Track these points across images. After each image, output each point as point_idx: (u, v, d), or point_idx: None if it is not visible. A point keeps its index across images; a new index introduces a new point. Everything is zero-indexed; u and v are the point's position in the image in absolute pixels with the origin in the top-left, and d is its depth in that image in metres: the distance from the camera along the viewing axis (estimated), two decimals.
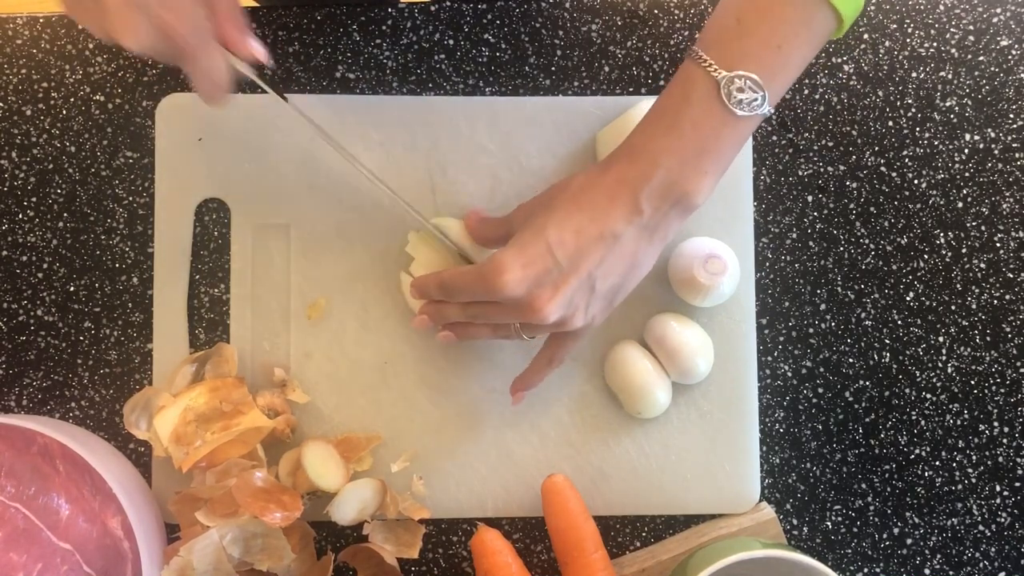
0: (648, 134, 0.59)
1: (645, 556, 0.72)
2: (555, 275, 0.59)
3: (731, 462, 0.72)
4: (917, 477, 0.74)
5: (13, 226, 0.73)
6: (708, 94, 0.57)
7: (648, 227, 0.59)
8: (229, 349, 0.71)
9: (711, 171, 0.58)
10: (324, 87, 0.74)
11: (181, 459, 0.67)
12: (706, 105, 0.57)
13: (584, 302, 0.61)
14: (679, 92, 0.58)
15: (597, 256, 0.59)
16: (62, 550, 0.65)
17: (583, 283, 0.60)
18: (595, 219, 0.59)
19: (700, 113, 0.57)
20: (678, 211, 0.59)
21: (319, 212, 0.72)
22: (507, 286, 0.58)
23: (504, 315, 0.62)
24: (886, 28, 0.75)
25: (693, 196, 0.58)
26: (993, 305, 0.74)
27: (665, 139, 0.58)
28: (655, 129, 0.59)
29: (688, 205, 0.59)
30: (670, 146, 0.58)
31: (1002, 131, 0.75)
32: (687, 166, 0.58)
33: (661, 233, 0.60)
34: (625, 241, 0.59)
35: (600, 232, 0.59)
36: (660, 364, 0.71)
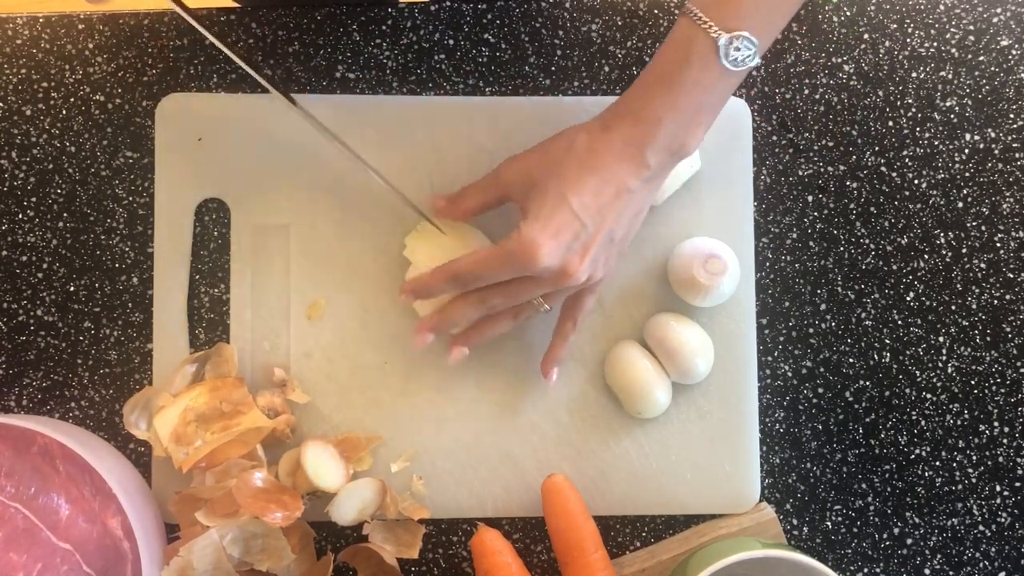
0: (647, 95, 0.62)
1: (645, 556, 0.72)
2: (584, 238, 0.62)
3: (731, 462, 0.72)
4: (917, 477, 0.74)
5: (13, 226, 0.73)
6: (707, 54, 0.59)
7: (652, 178, 0.63)
8: (229, 349, 0.71)
9: (705, 122, 0.62)
10: (324, 87, 0.74)
11: (181, 459, 0.67)
12: (705, 64, 0.60)
13: (604, 256, 0.65)
14: (677, 52, 0.61)
15: (616, 212, 0.63)
16: (62, 550, 0.65)
17: (605, 238, 0.63)
18: (609, 180, 0.62)
19: (699, 73, 0.60)
20: (675, 159, 0.63)
21: (319, 212, 0.72)
22: (544, 259, 0.61)
23: (534, 289, 0.64)
24: (886, 28, 0.75)
25: (689, 145, 0.62)
26: (993, 305, 0.74)
27: (667, 98, 0.61)
28: (656, 88, 0.61)
29: (685, 154, 0.63)
30: (673, 105, 0.61)
31: (1002, 131, 0.75)
32: (687, 121, 0.61)
33: (659, 180, 0.65)
34: (636, 192, 0.63)
35: (616, 190, 0.62)
36: (660, 364, 0.71)
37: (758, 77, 0.75)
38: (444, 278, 0.65)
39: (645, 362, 0.70)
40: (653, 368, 0.70)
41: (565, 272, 0.62)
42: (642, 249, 0.73)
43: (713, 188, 0.73)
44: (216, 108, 0.72)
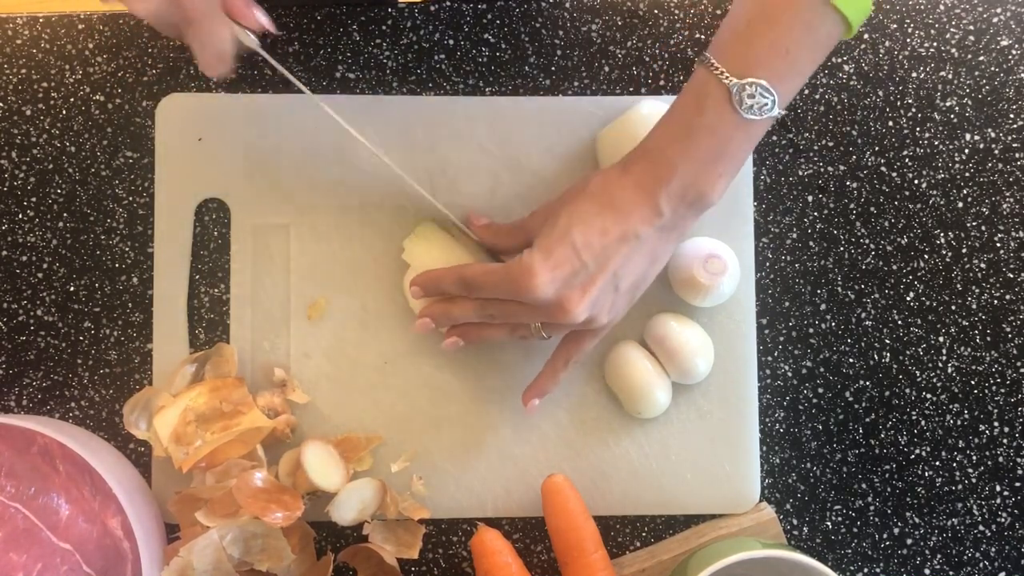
0: (665, 139, 0.61)
1: (645, 556, 0.72)
2: (583, 276, 0.61)
3: (731, 462, 0.72)
4: (917, 477, 0.74)
5: (13, 226, 0.73)
6: (720, 101, 0.58)
7: (667, 227, 0.62)
8: (229, 349, 0.71)
9: (725, 172, 0.61)
10: (324, 87, 0.74)
11: (181, 459, 0.67)
12: (719, 111, 0.59)
13: (609, 301, 0.63)
14: (693, 99, 0.60)
15: (621, 256, 0.61)
16: (62, 550, 0.65)
17: (608, 282, 0.62)
18: (618, 221, 0.61)
19: (714, 119, 0.59)
20: (694, 211, 0.62)
21: (319, 212, 0.72)
22: (537, 289, 0.60)
23: (529, 315, 0.63)
24: (886, 28, 0.75)
25: (708, 196, 0.61)
26: (993, 305, 0.74)
27: (681, 144, 0.60)
28: (671, 134, 0.61)
29: (704, 205, 0.61)
30: (686, 151, 0.60)
31: (1002, 131, 0.75)
32: (703, 170, 0.60)
33: (678, 231, 0.63)
34: (646, 241, 0.61)
35: (623, 233, 0.61)
36: (660, 364, 0.71)
37: None
38: (452, 279, 0.65)
39: (645, 362, 0.70)
40: (653, 368, 0.70)
41: (561, 307, 0.61)
42: None
43: None
44: (216, 108, 0.72)
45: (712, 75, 0.59)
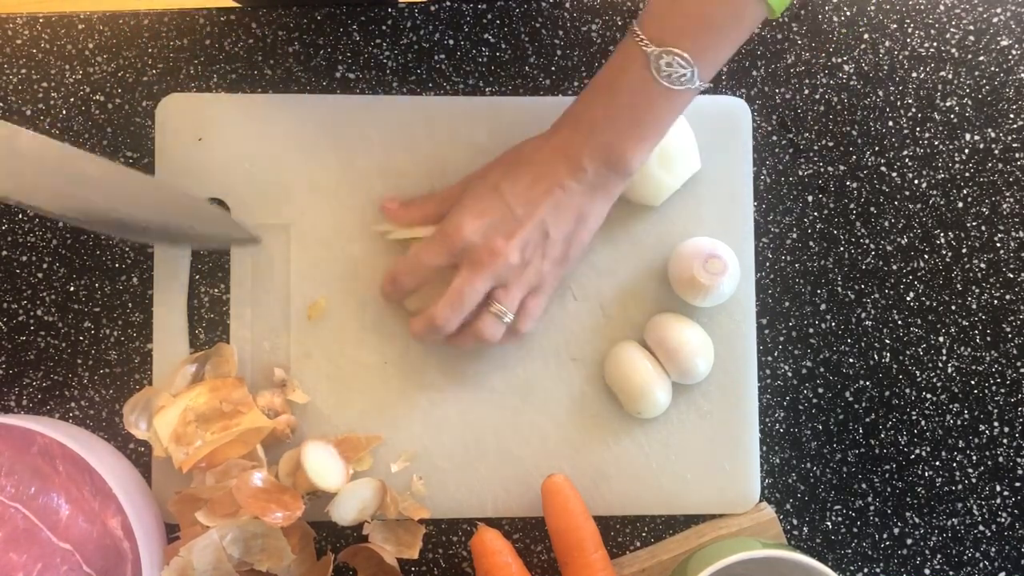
0: (588, 102, 0.64)
1: (645, 556, 0.72)
2: (511, 222, 0.64)
3: (731, 462, 0.72)
4: (917, 477, 0.74)
5: (13, 226, 0.73)
6: (641, 68, 0.61)
7: (591, 184, 0.64)
8: (229, 349, 0.71)
9: (646, 138, 0.63)
10: (324, 87, 0.74)
11: (181, 459, 0.67)
12: (639, 78, 0.61)
13: (540, 249, 0.65)
14: (617, 64, 0.63)
15: (549, 205, 0.64)
16: (62, 550, 0.65)
17: (536, 227, 0.64)
18: (545, 174, 0.64)
19: (635, 84, 0.62)
20: (616, 174, 0.64)
21: (319, 212, 0.72)
22: (466, 234, 0.64)
23: (473, 278, 0.65)
24: (886, 28, 0.75)
25: (629, 160, 0.64)
26: (993, 305, 0.74)
27: (603, 108, 0.63)
28: (594, 99, 0.64)
29: (624, 168, 0.64)
30: (608, 114, 0.63)
31: (1002, 131, 0.75)
32: (623, 132, 0.63)
33: (603, 192, 0.65)
34: (572, 194, 0.64)
35: (549, 185, 0.64)
36: (660, 364, 0.71)
37: (758, 77, 0.75)
38: (404, 268, 0.68)
39: (645, 362, 0.70)
40: (653, 368, 0.70)
41: (490, 249, 0.64)
42: (642, 249, 0.73)
43: (713, 188, 0.73)
44: (216, 108, 0.72)
45: (635, 42, 0.61)
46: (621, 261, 0.73)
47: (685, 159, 0.70)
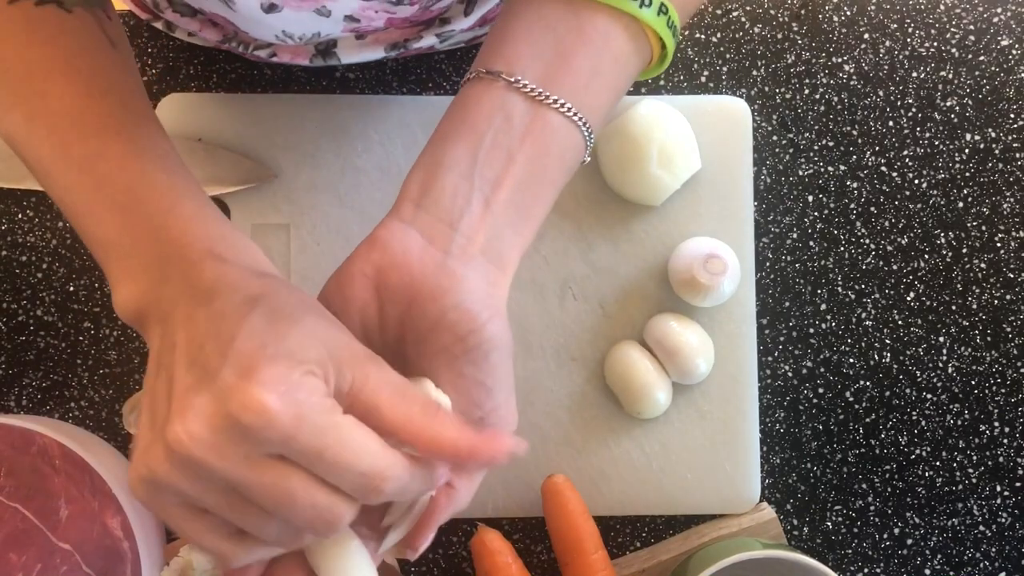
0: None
1: (645, 556, 0.72)
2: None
3: (731, 462, 0.72)
4: (917, 477, 0.74)
5: (13, 226, 0.73)
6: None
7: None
8: None
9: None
10: (324, 87, 0.74)
11: None
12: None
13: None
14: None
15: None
16: (61, 550, 0.65)
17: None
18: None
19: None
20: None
21: (319, 212, 0.72)
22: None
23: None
24: (886, 28, 0.75)
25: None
26: (994, 305, 0.74)
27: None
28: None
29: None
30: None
31: (1003, 131, 0.75)
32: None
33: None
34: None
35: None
36: (660, 364, 0.71)
37: (758, 77, 0.75)
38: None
39: (645, 362, 0.70)
40: (653, 368, 0.70)
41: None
42: (642, 249, 0.73)
43: (713, 188, 0.73)
44: (216, 108, 0.72)
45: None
46: (621, 261, 0.73)
47: (685, 159, 0.70)
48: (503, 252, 0.47)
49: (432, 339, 0.46)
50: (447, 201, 0.47)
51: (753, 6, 0.75)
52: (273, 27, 0.59)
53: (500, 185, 0.47)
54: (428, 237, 0.47)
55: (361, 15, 0.58)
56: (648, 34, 0.49)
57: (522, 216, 0.48)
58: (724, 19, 0.75)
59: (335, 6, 0.56)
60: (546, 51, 0.47)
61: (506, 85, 0.47)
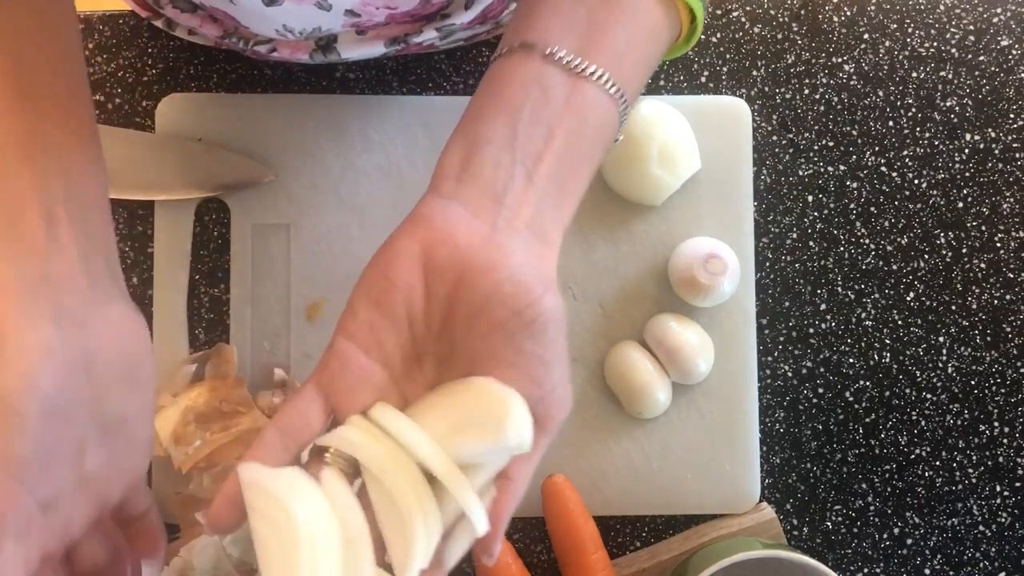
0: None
1: (645, 556, 0.72)
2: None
3: (731, 462, 0.72)
4: (917, 477, 0.74)
5: None
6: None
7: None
8: (229, 349, 0.71)
9: None
10: (324, 87, 0.74)
11: (180, 459, 0.67)
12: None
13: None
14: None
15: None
16: None
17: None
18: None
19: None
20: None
21: (319, 212, 0.72)
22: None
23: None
24: (886, 28, 0.75)
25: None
26: (993, 305, 0.74)
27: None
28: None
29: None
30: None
31: (1002, 131, 0.75)
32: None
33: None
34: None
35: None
36: (660, 364, 0.71)
37: (758, 77, 0.75)
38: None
39: (645, 362, 0.70)
40: (653, 368, 0.70)
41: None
42: (642, 249, 0.73)
43: (713, 188, 0.73)
44: (216, 108, 0.72)
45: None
46: (621, 261, 0.73)
47: (685, 159, 0.70)
48: (547, 229, 0.46)
49: (486, 315, 0.44)
50: (489, 174, 0.45)
51: (753, 6, 0.75)
52: (274, 21, 0.59)
53: (541, 159, 0.45)
54: (472, 211, 0.44)
55: (362, 9, 0.58)
56: (678, 5, 0.48)
57: (562, 193, 0.46)
58: (724, 19, 0.75)
59: (336, 1, 0.56)
60: (579, 23, 0.46)
61: (542, 57, 0.45)
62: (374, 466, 0.44)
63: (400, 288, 0.45)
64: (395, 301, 0.45)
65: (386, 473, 0.43)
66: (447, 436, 0.43)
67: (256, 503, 0.43)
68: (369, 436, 0.44)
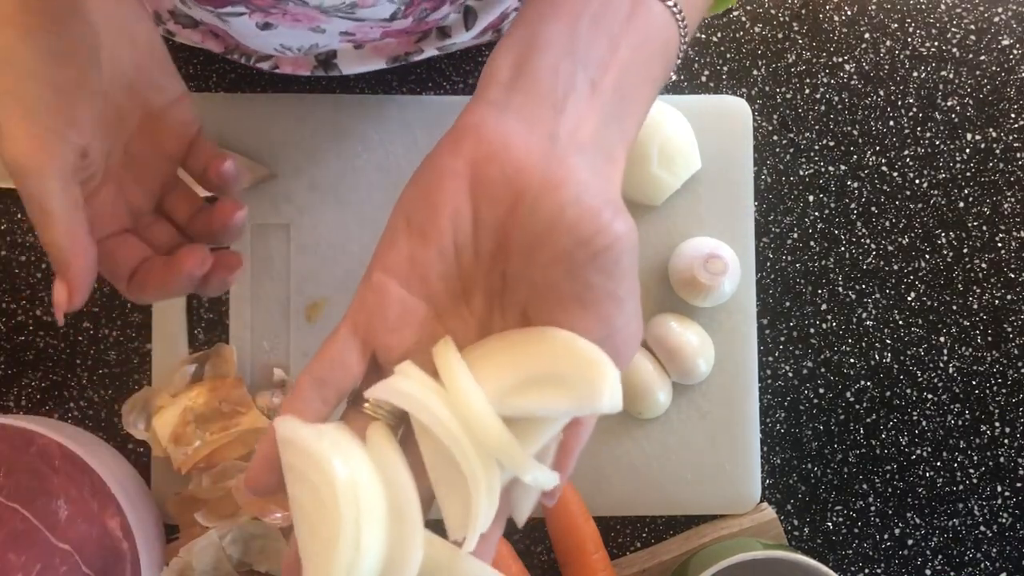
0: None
1: (646, 557, 0.72)
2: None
3: (732, 462, 0.72)
4: (918, 478, 0.73)
5: (12, 226, 0.73)
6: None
7: None
8: (228, 349, 0.71)
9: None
10: (324, 87, 0.74)
11: (180, 460, 0.67)
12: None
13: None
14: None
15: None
16: (61, 551, 0.65)
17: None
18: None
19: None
20: None
21: (319, 212, 0.72)
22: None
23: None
24: (887, 27, 0.75)
25: None
26: (994, 305, 0.74)
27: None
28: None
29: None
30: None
31: (1003, 131, 0.75)
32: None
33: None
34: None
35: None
36: (660, 364, 0.71)
37: (759, 76, 0.75)
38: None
39: (645, 362, 0.70)
40: (653, 368, 0.70)
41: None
42: (642, 249, 0.73)
43: (713, 188, 0.73)
44: (216, 108, 0.72)
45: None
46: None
47: (685, 159, 0.70)
48: (613, 145, 0.40)
49: (547, 244, 0.38)
50: (548, 79, 0.39)
51: (753, 6, 0.75)
52: (270, 41, 0.59)
53: (607, 68, 0.39)
54: (527, 121, 0.38)
55: (356, 29, 0.58)
56: None
57: (626, 111, 0.40)
58: (724, 19, 0.75)
59: (329, 25, 0.56)
60: None
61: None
62: (431, 422, 0.39)
63: (445, 213, 0.39)
64: (439, 228, 0.39)
65: (445, 432, 0.38)
66: (517, 390, 0.39)
67: (293, 462, 0.38)
68: (424, 388, 0.39)
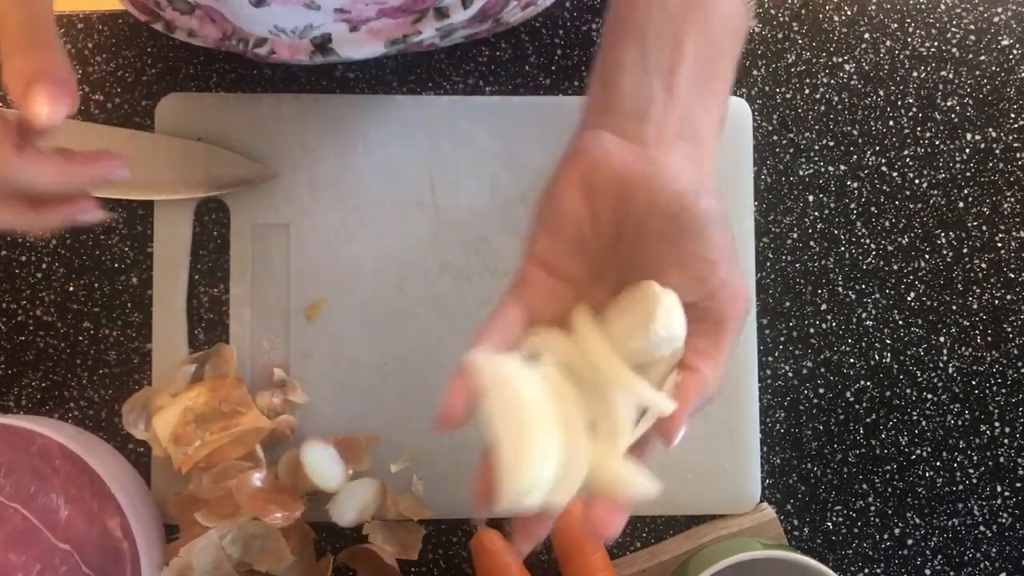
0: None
1: (646, 556, 0.72)
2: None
3: (731, 462, 0.72)
4: (918, 477, 0.73)
5: None
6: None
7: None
8: (228, 349, 0.71)
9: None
10: (324, 87, 0.74)
11: (180, 460, 0.67)
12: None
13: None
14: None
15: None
16: (61, 551, 0.65)
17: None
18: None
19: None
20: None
21: (319, 212, 0.72)
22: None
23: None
24: (887, 27, 0.75)
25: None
26: (994, 305, 0.74)
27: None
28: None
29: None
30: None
31: (1003, 131, 0.75)
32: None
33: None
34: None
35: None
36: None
37: (758, 76, 0.75)
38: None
39: None
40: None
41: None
42: None
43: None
44: (216, 108, 0.72)
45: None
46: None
47: None
48: (699, 130, 0.49)
49: (648, 226, 0.47)
50: (629, 97, 0.49)
51: (753, 5, 0.75)
52: (264, 21, 0.60)
53: (675, 68, 0.49)
54: (621, 134, 0.49)
55: (351, 6, 0.59)
56: None
57: (708, 91, 0.50)
58: None
59: (323, 1, 0.56)
60: None
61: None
62: (575, 361, 0.49)
63: (569, 217, 0.49)
64: (567, 227, 0.49)
65: (588, 362, 0.49)
66: (621, 338, 0.48)
67: (492, 381, 0.47)
68: (565, 338, 0.50)
